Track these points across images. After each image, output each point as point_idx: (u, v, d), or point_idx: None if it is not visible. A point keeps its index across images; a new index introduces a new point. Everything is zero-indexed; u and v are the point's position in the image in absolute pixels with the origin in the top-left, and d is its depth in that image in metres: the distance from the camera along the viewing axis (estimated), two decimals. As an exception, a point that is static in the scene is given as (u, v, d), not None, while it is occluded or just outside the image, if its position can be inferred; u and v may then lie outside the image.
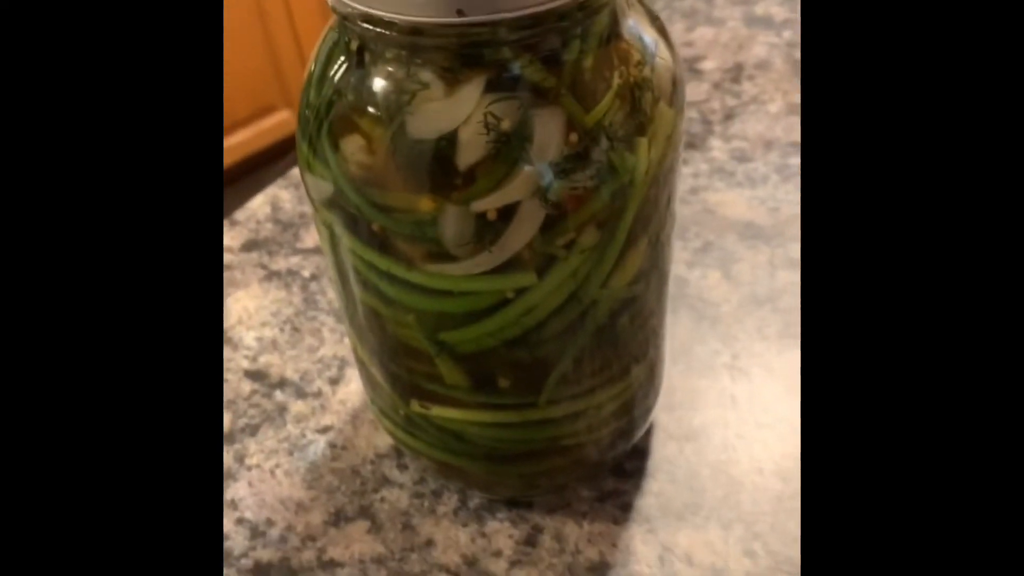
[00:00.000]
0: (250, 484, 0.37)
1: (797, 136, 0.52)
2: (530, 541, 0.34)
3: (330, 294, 0.45)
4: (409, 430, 0.33)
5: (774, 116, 0.53)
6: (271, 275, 0.46)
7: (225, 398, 0.40)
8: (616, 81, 0.24)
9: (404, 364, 0.30)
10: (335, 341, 0.42)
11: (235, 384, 0.41)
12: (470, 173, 0.24)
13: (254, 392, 0.40)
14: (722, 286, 0.43)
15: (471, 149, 0.23)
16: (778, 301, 0.42)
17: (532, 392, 0.29)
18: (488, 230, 0.24)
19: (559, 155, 0.23)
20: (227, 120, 1.58)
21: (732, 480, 0.35)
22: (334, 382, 0.40)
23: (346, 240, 0.27)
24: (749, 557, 0.33)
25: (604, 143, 0.24)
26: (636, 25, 0.25)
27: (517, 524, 0.34)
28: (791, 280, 0.43)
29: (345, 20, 0.24)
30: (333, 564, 0.34)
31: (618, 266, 0.26)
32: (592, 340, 0.28)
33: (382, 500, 0.36)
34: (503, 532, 0.34)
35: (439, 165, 0.24)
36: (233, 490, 0.36)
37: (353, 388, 0.40)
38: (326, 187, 0.26)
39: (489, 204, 0.24)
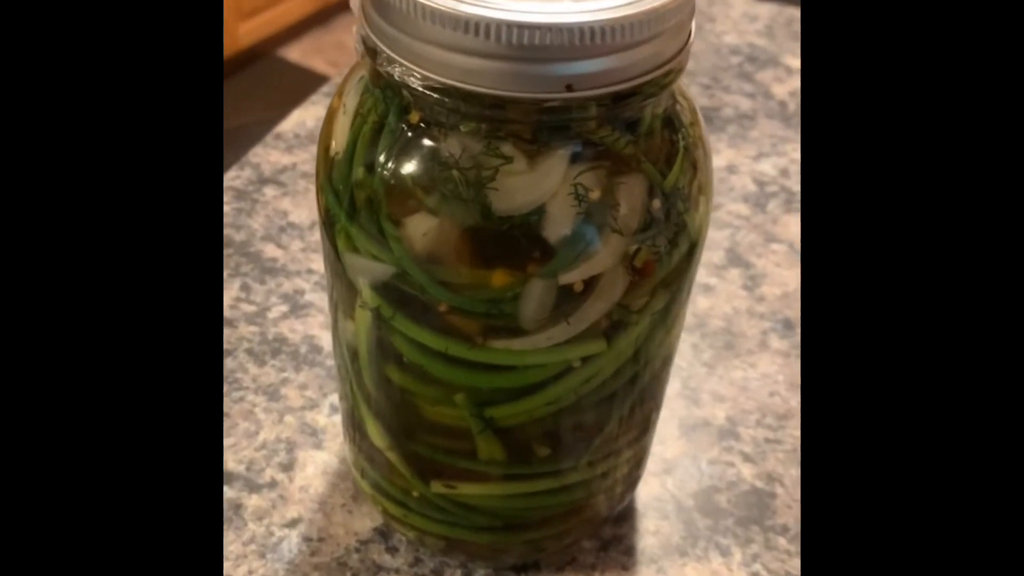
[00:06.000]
0: (224, 599, 0.32)
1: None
2: (548, 604, 0.33)
3: (253, 371, 0.41)
4: (417, 510, 0.31)
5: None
6: (176, 356, 0.41)
7: (163, 505, 0.35)
8: (681, 143, 0.24)
9: (433, 444, 0.28)
10: (273, 422, 0.39)
11: (171, 487, 0.36)
12: (553, 245, 0.23)
13: (197, 493, 0.36)
14: (652, 318, 0.45)
15: (561, 221, 0.22)
16: (705, 327, 0.45)
17: (572, 457, 0.29)
18: (568, 302, 0.24)
19: (644, 221, 0.23)
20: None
21: (716, 507, 0.37)
22: (287, 468, 0.37)
23: (396, 322, 0.25)
24: (755, 579, 0.34)
25: (680, 205, 0.24)
26: (679, 88, 0.26)
27: (531, 589, 0.33)
28: (709, 305, 0.46)
29: (410, 92, 0.22)
30: (348, 671, 0.31)
31: (674, 322, 0.27)
32: (637, 397, 0.28)
33: (381, 590, 0.33)
34: (519, 600, 0.33)
35: (526, 239, 0.23)
36: (205, 610, 0.32)
37: (311, 472, 0.37)
38: (381, 269, 0.24)
39: (579, 276, 0.23)
